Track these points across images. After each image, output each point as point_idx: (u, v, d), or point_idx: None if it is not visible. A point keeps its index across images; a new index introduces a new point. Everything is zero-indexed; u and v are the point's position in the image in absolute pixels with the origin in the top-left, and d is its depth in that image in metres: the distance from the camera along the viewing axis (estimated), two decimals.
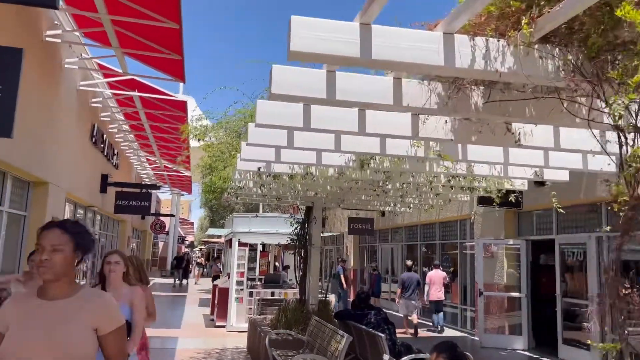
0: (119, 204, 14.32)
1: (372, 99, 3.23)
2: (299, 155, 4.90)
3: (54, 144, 9.58)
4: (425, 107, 3.06)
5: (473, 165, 5.15)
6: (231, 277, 12.09)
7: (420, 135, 3.69)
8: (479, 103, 3.04)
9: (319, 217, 8.84)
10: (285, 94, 3.21)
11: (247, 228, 12.21)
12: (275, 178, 6.18)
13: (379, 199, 8.05)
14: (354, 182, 6.33)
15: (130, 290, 3.99)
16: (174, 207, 34.51)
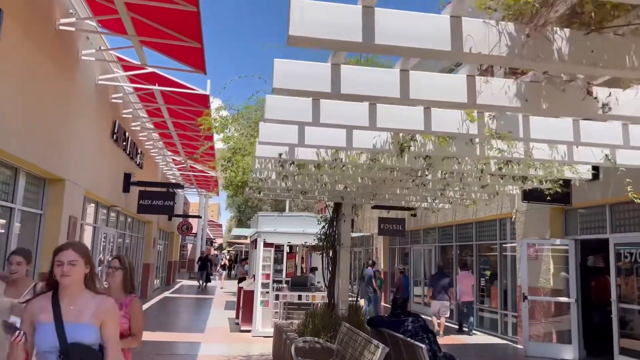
0: (142, 203, 13.93)
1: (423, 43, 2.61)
2: (326, 135, 4.24)
3: (71, 140, 9.18)
4: (493, 55, 2.35)
5: (532, 147, 4.37)
6: (256, 279, 11.51)
7: (478, 103, 2.97)
8: (564, 49, 2.33)
9: (349, 215, 8.16)
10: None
11: (273, 227, 11.61)
12: (299, 168, 5.53)
13: (417, 192, 7.28)
14: (389, 172, 5.62)
15: None
16: (201, 209, 34.33)
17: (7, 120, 6.59)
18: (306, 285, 11.94)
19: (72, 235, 9.42)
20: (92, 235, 12.44)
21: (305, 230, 11.74)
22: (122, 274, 3.95)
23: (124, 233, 16.06)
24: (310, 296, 11.70)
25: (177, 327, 12.55)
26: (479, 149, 4.39)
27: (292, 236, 11.73)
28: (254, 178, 6.48)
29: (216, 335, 11.46)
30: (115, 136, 12.21)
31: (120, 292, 3.96)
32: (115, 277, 3.95)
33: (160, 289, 24.33)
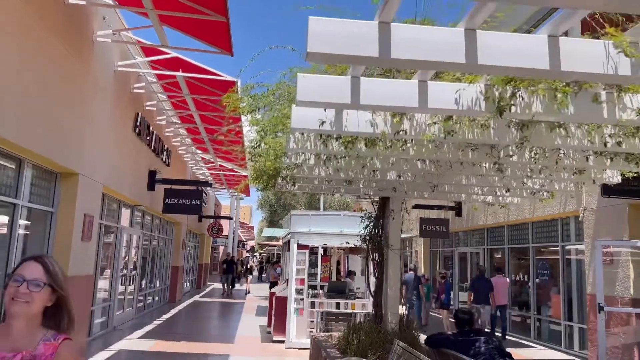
0: (168, 202, 13.07)
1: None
2: (390, 91, 3.12)
3: (86, 131, 8.31)
4: None
5: None
6: (289, 284, 10.42)
7: None
8: None
9: (398, 211, 6.97)
10: None
11: (307, 228, 10.51)
12: (346, 146, 4.38)
13: (488, 181, 5.99)
14: (461, 151, 4.41)
15: None
16: (232, 211, 33.60)
17: (2, 104, 5.70)
18: (345, 291, 10.78)
19: (88, 235, 8.54)
20: (114, 237, 11.61)
21: (342, 230, 10.60)
22: (45, 295, 2.02)
23: (150, 234, 15.27)
24: (350, 304, 10.54)
25: (205, 335, 11.58)
26: (607, 109, 3.14)
27: (328, 237, 10.61)
28: (287, 164, 5.37)
29: (246, 347, 10.42)
30: (138, 129, 11.35)
31: (35, 330, 2.02)
32: (32, 302, 1.97)
33: (190, 292, 23.59)
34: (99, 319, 10.83)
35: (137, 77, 11.05)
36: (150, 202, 13.30)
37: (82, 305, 8.60)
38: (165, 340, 10.55)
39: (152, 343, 10.13)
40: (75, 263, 8.05)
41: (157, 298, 17.13)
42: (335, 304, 10.53)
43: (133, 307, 13.43)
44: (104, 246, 10.95)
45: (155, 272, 16.52)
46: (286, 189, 7.05)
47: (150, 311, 15.43)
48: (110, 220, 11.12)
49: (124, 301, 12.56)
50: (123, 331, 11.33)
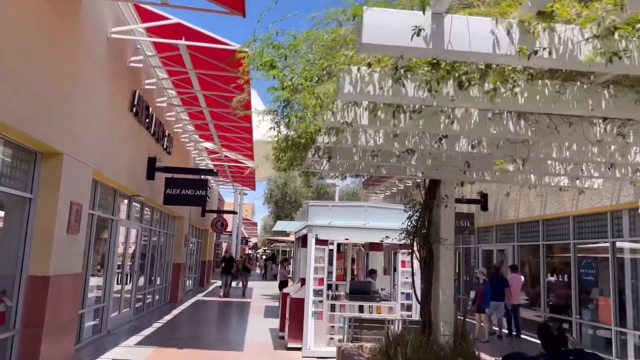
0: (169, 193, 11.82)
1: None
2: None
3: (74, 105, 7.07)
4: None
5: None
6: (307, 284, 9.17)
7: None
8: None
9: (452, 197, 5.72)
10: None
11: (327, 220, 9.25)
12: (435, 82, 3.09)
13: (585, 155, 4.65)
14: None
15: None
16: (236, 206, 32.40)
17: None
18: (369, 293, 9.54)
19: (75, 227, 7.29)
20: (109, 231, 10.36)
21: (367, 223, 9.34)
22: None
23: (150, 229, 14.02)
24: (375, 307, 9.30)
25: (210, 341, 10.35)
26: None
27: (350, 231, 9.35)
28: (331, 124, 4.03)
29: (258, 355, 9.19)
30: (136, 109, 10.10)
31: None
32: None
33: (193, 291, 22.36)
34: (90, 322, 9.60)
35: (134, 49, 9.80)
36: (149, 193, 12.06)
37: (69, 309, 7.36)
38: (165, 347, 9.31)
39: (150, 351, 8.89)
40: (59, 259, 6.81)
41: (158, 297, 15.90)
42: (359, 307, 9.29)
43: (131, 307, 12.20)
44: (96, 241, 9.71)
45: (155, 270, 15.29)
46: (314, 169, 5.80)
47: (150, 312, 14.20)
48: (104, 212, 9.87)
49: (120, 302, 11.32)
50: (118, 336, 10.09)
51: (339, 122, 3.94)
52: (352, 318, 7.00)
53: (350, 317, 6.99)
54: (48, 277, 6.56)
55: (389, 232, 9.38)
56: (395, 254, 9.97)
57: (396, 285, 9.57)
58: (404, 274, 9.42)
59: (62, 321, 7.11)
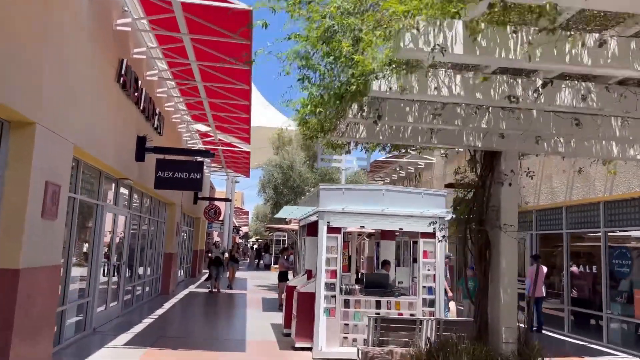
0: (161, 176, 10.70)
1: None
2: None
3: (50, 67, 5.93)
4: None
5: None
6: (318, 277, 8.15)
7: None
8: None
9: (516, 173, 4.72)
10: None
11: (340, 205, 8.22)
12: None
13: None
14: None
15: None
16: (229, 193, 31.28)
17: None
18: (386, 286, 8.55)
19: (52, 211, 6.19)
20: (94, 217, 9.25)
21: (385, 210, 8.33)
22: None
23: (139, 216, 12.90)
24: (393, 303, 8.32)
25: (207, 339, 9.33)
26: None
27: (366, 218, 8.33)
28: (402, 55, 2.95)
29: (263, 357, 8.17)
30: (123, 80, 8.94)
31: None
32: None
33: (185, 282, 21.30)
34: (72, 319, 8.52)
35: (121, 10, 8.62)
36: (139, 176, 10.93)
37: (45, 307, 6.28)
38: (158, 347, 8.26)
39: (141, 353, 7.84)
40: (32, 249, 5.72)
41: (148, 289, 14.82)
42: (375, 302, 8.31)
43: (119, 301, 11.11)
44: (80, 228, 8.61)
45: (145, 260, 14.20)
46: (348, 137, 4.73)
47: (140, 305, 13.13)
48: (88, 196, 8.76)
49: (107, 295, 10.23)
50: (105, 334, 9.03)
51: (422, 49, 2.83)
52: (379, 318, 6.01)
53: (377, 317, 6.01)
54: (18, 270, 5.47)
55: (409, 219, 8.41)
56: (414, 244, 8.97)
57: (416, 278, 8.60)
58: (425, 266, 8.45)
59: (36, 321, 6.03)
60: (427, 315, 8.30)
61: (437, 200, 8.49)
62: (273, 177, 19.55)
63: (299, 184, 18.81)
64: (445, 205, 8.55)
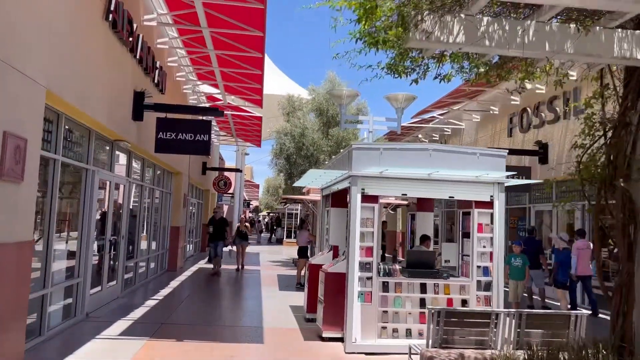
0: (162, 137, 9.23)
1: None
2: None
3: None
4: None
5: None
6: (350, 256, 6.72)
7: None
8: None
9: None
10: None
11: (378, 169, 6.71)
12: None
13: None
14: None
15: None
16: (239, 164, 29.91)
17: None
18: (433, 266, 7.11)
19: (15, 171, 4.77)
20: (84, 184, 7.84)
21: (432, 174, 6.82)
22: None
23: (141, 185, 11.51)
24: (442, 286, 6.89)
25: (217, 327, 8.04)
26: None
27: (409, 184, 6.84)
28: None
29: (284, 350, 6.82)
30: (113, 18, 7.41)
31: None
32: None
33: (194, 257, 20.09)
34: (59, 305, 7.21)
35: None
36: (137, 138, 9.48)
37: (11, 293, 4.92)
38: (160, 338, 6.94)
39: (140, 345, 6.51)
40: None
41: (154, 265, 13.57)
42: (420, 286, 6.88)
43: (118, 281, 9.81)
44: (65, 197, 7.23)
45: (149, 234, 12.89)
46: (437, 43, 3.22)
47: (144, 284, 11.86)
48: (75, 159, 7.33)
49: (103, 274, 8.92)
50: (99, 321, 7.72)
51: None
52: (443, 310, 4.57)
53: (440, 309, 4.57)
54: None
55: (461, 185, 6.91)
56: (464, 215, 7.49)
57: (468, 257, 7.14)
58: (480, 242, 6.98)
59: (3, 311, 4.69)
60: (483, 301, 6.88)
61: (495, 162, 6.96)
62: (285, 146, 18.02)
63: (312, 152, 17.27)
64: (505, 168, 7.03)
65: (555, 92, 12.06)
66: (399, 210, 19.12)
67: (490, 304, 6.86)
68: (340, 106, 10.09)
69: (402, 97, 10.02)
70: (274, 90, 22.33)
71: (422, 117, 16.74)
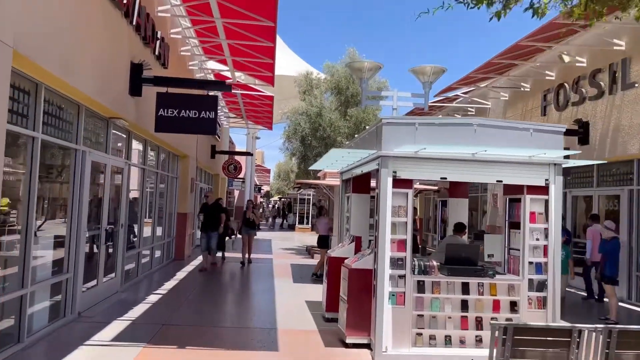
0: (163, 115, 8.23)
1: None
2: None
3: None
4: None
5: None
6: (380, 250, 5.70)
7: None
8: None
9: None
10: None
11: (413, 147, 5.65)
12: None
13: None
14: None
15: None
16: (249, 148, 28.99)
17: None
18: (476, 262, 6.07)
19: None
20: (72, 166, 6.89)
21: (478, 154, 5.75)
22: None
23: (143, 169, 10.56)
24: (487, 286, 5.86)
25: (224, 330, 7.12)
26: None
27: (452, 166, 5.78)
28: None
29: (302, 358, 5.87)
30: None
31: None
32: None
33: None
34: (43, 304, 6.31)
35: None
36: (135, 116, 8.50)
37: None
38: (158, 344, 6.01)
39: (134, 353, 5.59)
40: None
41: (159, 254, 12.70)
42: (462, 285, 5.86)
43: (117, 273, 8.91)
44: (47, 181, 6.30)
45: (154, 222, 11.99)
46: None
47: (148, 275, 10.99)
48: (59, 136, 6.37)
49: (99, 268, 8.01)
50: (92, 322, 6.81)
51: None
52: (511, 326, 3.55)
53: (506, 325, 3.55)
54: None
55: (511, 167, 5.85)
56: (512, 202, 6.44)
57: (517, 251, 6.10)
58: (533, 234, 5.93)
59: None
60: (536, 303, 5.85)
61: (551, 139, 5.88)
62: (300, 126, 16.91)
63: (329, 133, 16.15)
64: (563, 146, 5.94)
65: (599, 64, 10.85)
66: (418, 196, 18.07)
67: (544, 307, 5.83)
68: (361, 80, 9.04)
69: (430, 70, 8.98)
70: (285, 71, 21.17)
71: (446, 96, 15.57)
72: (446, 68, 9.03)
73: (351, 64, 9.40)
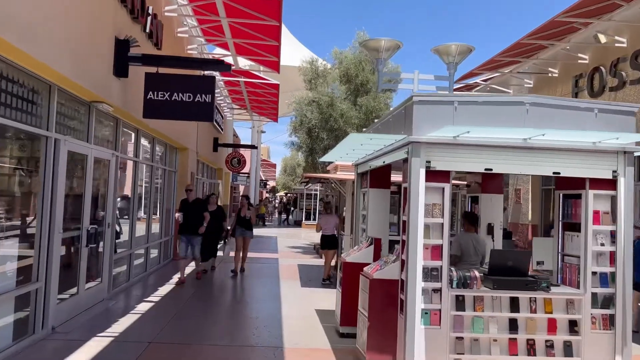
0: (153, 98, 7.18)
1: None
2: None
3: None
4: None
5: None
6: (410, 258, 4.62)
7: None
8: None
9: None
10: None
11: (451, 132, 4.56)
12: None
13: None
14: None
15: None
16: (254, 141, 28.00)
17: None
18: (525, 273, 4.98)
19: None
20: (43, 157, 5.86)
21: (534, 138, 4.65)
22: None
23: (135, 161, 9.54)
24: (541, 302, 4.78)
25: (224, 351, 6.13)
26: None
27: (500, 154, 4.70)
28: None
29: None
30: None
31: None
32: None
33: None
34: (6, 320, 5.29)
35: None
36: (121, 100, 7.45)
37: None
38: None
39: None
40: None
41: (156, 255, 11.72)
42: (509, 301, 4.78)
43: (103, 279, 7.91)
44: (8, 175, 5.28)
45: (149, 219, 10.98)
46: None
47: (141, 278, 9.99)
48: (25, 121, 5.34)
49: (80, 274, 6.99)
50: (65, 340, 5.80)
51: None
52: None
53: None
54: None
55: (571, 156, 4.76)
56: (566, 199, 5.36)
57: (573, 258, 5.01)
58: (597, 237, 4.84)
59: None
60: (601, 323, 4.77)
61: (622, 122, 4.78)
62: (306, 118, 15.80)
63: (340, 125, 15.03)
64: (635, 129, 4.85)
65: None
66: None
67: (612, 327, 4.75)
68: (378, 61, 7.96)
69: (456, 49, 7.93)
70: (289, 61, 20.05)
71: (466, 83, 14.44)
72: (474, 47, 7.95)
73: (367, 42, 8.32)
